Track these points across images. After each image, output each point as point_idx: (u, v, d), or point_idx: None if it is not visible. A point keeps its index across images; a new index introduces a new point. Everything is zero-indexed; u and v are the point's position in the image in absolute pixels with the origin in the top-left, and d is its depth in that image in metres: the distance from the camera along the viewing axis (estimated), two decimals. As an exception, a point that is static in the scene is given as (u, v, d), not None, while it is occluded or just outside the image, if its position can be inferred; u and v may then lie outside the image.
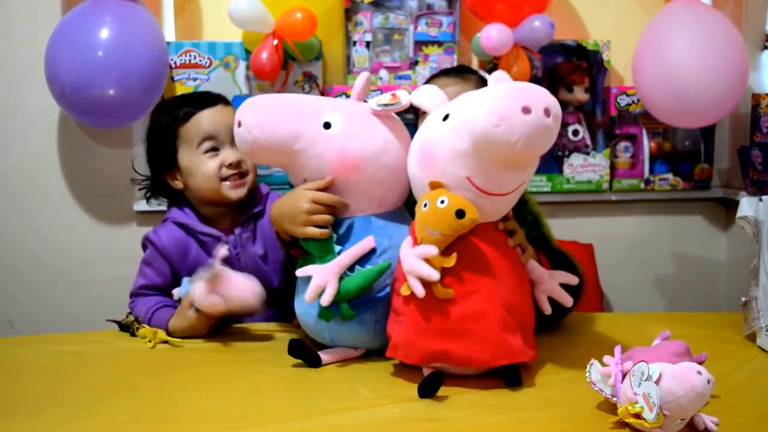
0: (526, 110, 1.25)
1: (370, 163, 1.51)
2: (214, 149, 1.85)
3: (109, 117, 2.16)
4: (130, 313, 1.81)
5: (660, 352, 1.23)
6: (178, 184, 1.90)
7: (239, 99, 2.31)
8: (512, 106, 1.25)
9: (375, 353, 1.55)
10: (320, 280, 1.45)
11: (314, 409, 1.31)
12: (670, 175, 2.52)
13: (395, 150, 1.53)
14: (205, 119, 1.86)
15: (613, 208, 2.58)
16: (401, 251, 1.41)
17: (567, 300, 1.52)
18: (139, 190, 2.08)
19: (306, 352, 1.51)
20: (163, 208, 2.35)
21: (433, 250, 1.32)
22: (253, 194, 1.91)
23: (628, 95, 2.46)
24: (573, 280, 1.55)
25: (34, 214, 2.41)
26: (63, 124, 2.38)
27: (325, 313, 1.50)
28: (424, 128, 1.46)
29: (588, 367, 1.26)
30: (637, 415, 1.12)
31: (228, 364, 1.58)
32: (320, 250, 1.50)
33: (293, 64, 2.31)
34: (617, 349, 1.26)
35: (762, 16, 2.47)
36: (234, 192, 1.85)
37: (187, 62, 2.30)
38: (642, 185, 2.53)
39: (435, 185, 1.37)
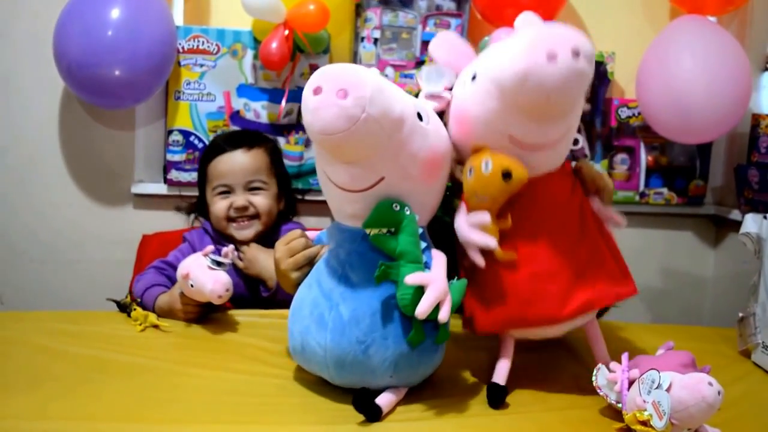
0: (552, 57, 1.12)
1: (447, 163, 1.33)
2: (226, 192, 1.97)
3: (113, 97, 2.15)
4: (129, 293, 1.80)
5: (667, 362, 1.23)
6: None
7: (244, 87, 2.32)
8: (536, 58, 1.13)
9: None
10: (439, 292, 1.20)
11: (315, 403, 1.31)
12: (665, 190, 2.55)
13: None
14: (223, 162, 1.98)
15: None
16: (456, 221, 1.31)
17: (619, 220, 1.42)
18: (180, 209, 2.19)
19: (371, 405, 1.24)
20: (161, 192, 2.38)
21: (486, 218, 1.24)
22: (275, 230, 2.02)
23: (629, 108, 2.48)
24: (619, 221, 1.43)
25: (31, 191, 2.39)
26: (65, 102, 2.36)
27: (417, 335, 1.25)
28: (456, 91, 1.34)
29: (594, 371, 1.27)
30: (645, 423, 1.13)
31: (226, 349, 1.57)
32: (414, 248, 1.24)
33: (300, 56, 2.32)
34: (624, 356, 1.27)
35: (765, 38, 2.50)
36: (239, 233, 1.97)
37: (195, 47, 2.30)
38: (637, 198, 2.55)
39: (477, 149, 1.28)
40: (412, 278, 1.19)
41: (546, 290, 1.30)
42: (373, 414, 1.22)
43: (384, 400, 1.26)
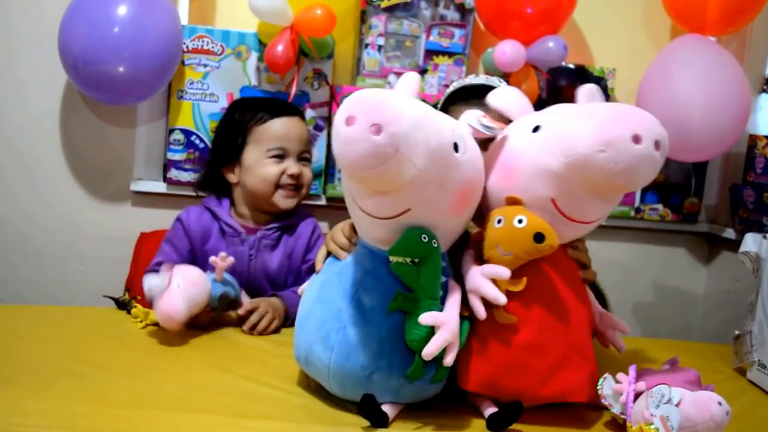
0: (637, 139, 1.13)
1: (478, 194, 1.28)
2: (280, 156, 1.92)
3: (117, 94, 2.14)
4: (127, 290, 1.80)
5: (674, 378, 1.25)
6: (233, 178, 1.97)
7: (248, 89, 2.31)
8: (621, 133, 1.14)
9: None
10: (450, 335, 1.19)
11: (315, 405, 1.32)
12: (660, 206, 2.57)
13: None
14: (281, 127, 1.94)
15: (602, 233, 2.59)
16: (465, 265, 1.29)
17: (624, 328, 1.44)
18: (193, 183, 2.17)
19: (377, 410, 1.24)
20: (160, 190, 2.36)
21: (505, 273, 1.20)
22: (294, 210, 1.99)
23: (628, 124, 2.49)
24: (624, 329, 1.45)
25: (30, 186, 2.38)
26: (67, 97, 2.35)
27: (417, 371, 1.23)
28: (509, 137, 1.32)
29: (601, 381, 1.28)
30: (651, 436, 1.14)
31: (227, 347, 1.59)
32: (434, 284, 1.22)
33: (305, 60, 2.32)
34: (632, 369, 1.28)
35: (763, 60, 2.53)
36: (284, 201, 1.93)
37: (200, 48, 2.29)
38: (632, 213, 2.57)
39: (512, 201, 1.26)
40: (427, 318, 1.18)
41: (531, 364, 1.27)
42: (380, 420, 1.22)
43: (387, 408, 1.26)
